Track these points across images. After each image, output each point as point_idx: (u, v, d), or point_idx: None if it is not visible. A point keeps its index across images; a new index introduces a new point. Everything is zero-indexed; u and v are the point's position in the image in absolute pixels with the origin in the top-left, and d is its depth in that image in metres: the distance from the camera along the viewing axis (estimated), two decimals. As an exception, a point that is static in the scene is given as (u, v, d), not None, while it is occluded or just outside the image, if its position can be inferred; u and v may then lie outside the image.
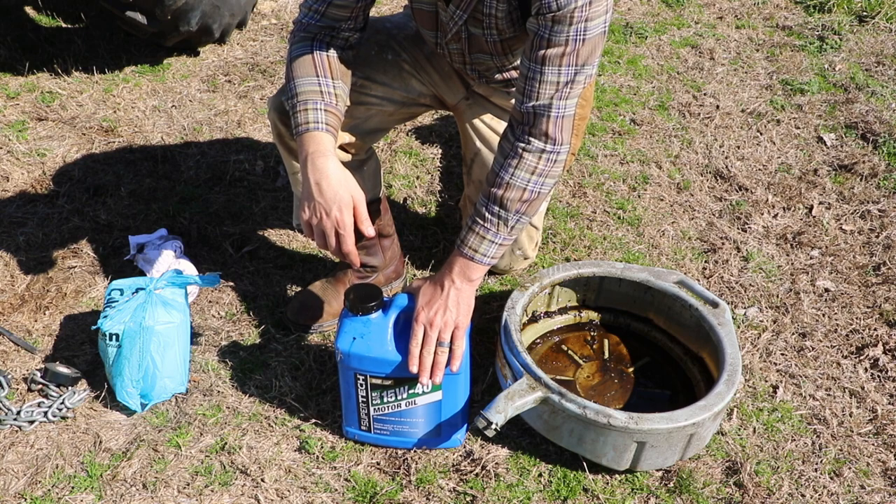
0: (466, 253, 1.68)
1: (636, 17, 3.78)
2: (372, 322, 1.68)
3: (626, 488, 1.74)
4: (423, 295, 1.68)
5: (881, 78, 3.31)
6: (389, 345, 1.67)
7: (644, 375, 1.96)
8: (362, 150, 1.94)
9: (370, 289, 1.71)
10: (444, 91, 1.96)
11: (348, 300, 1.68)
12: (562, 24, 1.49)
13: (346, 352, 1.66)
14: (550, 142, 1.61)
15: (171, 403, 1.90)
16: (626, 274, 2.00)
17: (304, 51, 1.66)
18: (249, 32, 3.48)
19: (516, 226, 1.67)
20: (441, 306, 1.65)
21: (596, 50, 1.56)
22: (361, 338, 1.66)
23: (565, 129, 1.61)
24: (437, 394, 1.71)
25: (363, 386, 1.70)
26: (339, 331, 1.69)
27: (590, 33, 1.51)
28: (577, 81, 1.57)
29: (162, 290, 1.87)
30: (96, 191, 2.54)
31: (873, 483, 1.78)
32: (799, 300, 2.24)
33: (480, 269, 1.70)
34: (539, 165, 1.62)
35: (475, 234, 1.67)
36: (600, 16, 1.51)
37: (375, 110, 1.91)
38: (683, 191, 2.67)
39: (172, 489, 1.71)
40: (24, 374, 1.95)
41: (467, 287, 1.69)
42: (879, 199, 2.63)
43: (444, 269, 1.71)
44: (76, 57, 3.19)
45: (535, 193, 1.64)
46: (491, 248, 1.67)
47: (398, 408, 1.73)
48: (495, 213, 1.65)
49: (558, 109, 1.58)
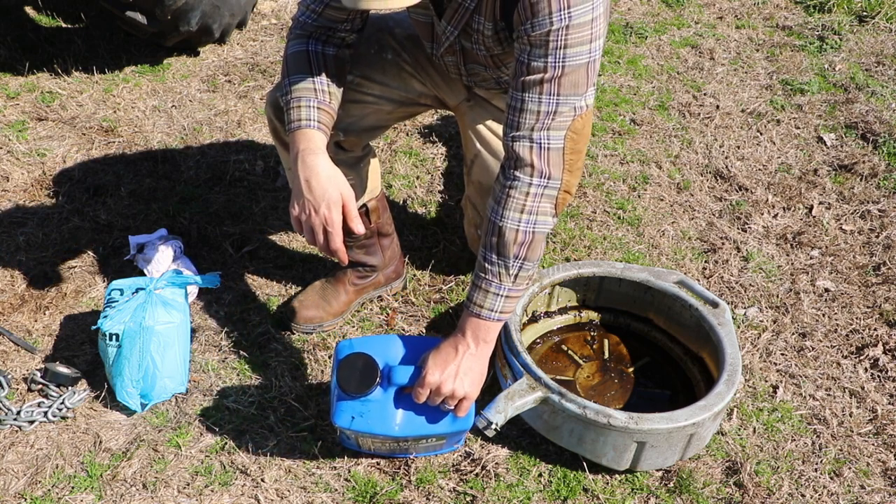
0: (473, 311, 1.60)
1: (636, 17, 3.78)
2: (371, 401, 1.60)
3: (626, 488, 1.74)
4: (435, 356, 1.60)
5: (881, 78, 3.31)
6: (391, 420, 1.60)
7: (644, 375, 1.96)
8: (358, 146, 1.94)
9: (365, 361, 1.61)
10: (446, 92, 1.96)
11: (342, 380, 1.59)
12: (538, 48, 1.46)
13: (345, 427, 1.61)
14: (538, 175, 1.53)
15: (171, 403, 1.90)
16: (626, 274, 2.00)
17: (300, 48, 1.66)
18: (249, 32, 3.48)
19: (520, 274, 1.58)
20: (452, 373, 1.57)
21: (580, 81, 1.49)
22: (360, 416, 1.59)
23: (553, 163, 1.53)
24: (441, 442, 1.71)
25: (364, 445, 1.71)
26: (336, 409, 1.61)
27: (570, 61, 1.46)
28: (561, 112, 1.50)
29: (162, 290, 1.87)
30: (96, 191, 2.54)
31: (873, 483, 1.78)
32: (799, 300, 2.24)
33: (493, 329, 1.61)
34: (528, 203, 1.54)
35: (479, 289, 1.59)
36: (582, 44, 1.45)
37: (372, 109, 1.90)
38: (683, 191, 2.67)
39: (172, 489, 1.71)
40: (24, 374, 1.95)
41: (483, 350, 1.61)
42: (879, 199, 2.63)
43: (457, 331, 1.63)
44: (76, 57, 3.19)
45: (530, 234, 1.55)
46: (497, 301, 1.58)
47: (397, 450, 1.74)
48: (494, 263, 1.58)
49: (541, 140, 1.51)
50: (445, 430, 1.63)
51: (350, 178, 1.95)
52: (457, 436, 1.70)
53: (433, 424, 1.62)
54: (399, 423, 1.60)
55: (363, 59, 1.86)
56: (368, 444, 1.71)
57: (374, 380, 1.58)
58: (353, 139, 1.90)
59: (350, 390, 1.58)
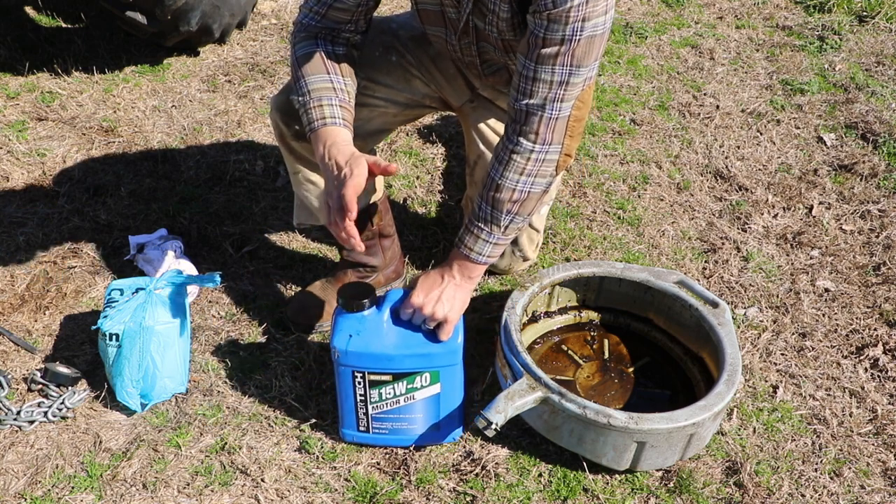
0: (463, 251, 1.71)
1: (636, 17, 3.78)
2: (367, 318, 1.68)
3: (626, 488, 1.74)
4: (421, 282, 1.70)
5: (881, 78, 3.31)
6: (386, 339, 1.68)
7: (644, 375, 1.96)
8: (363, 150, 1.94)
9: (363, 286, 1.72)
10: (449, 93, 1.96)
11: (341, 298, 1.69)
12: (557, 24, 1.48)
13: (343, 350, 1.66)
14: (540, 142, 1.60)
15: (171, 403, 1.90)
16: (626, 274, 2.00)
17: (310, 49, 1.66)
18: (249, 32, 3.48)
19: (510, 226, 1.68)
20: (435, 297, 1.67)
21: (592, 51, 1.54)
22: (357, 335, 1.67)
23: (557, 131, 1.60)
24: (436, 387, 1.71)
25: (361, 384, 1.71)
26: (335, 329, 1.69)
27: (586, 33, 1.50)
28: (572, 83, 1.56)
29: (162, 290, 1.87)
30: (96, 191, 2.54)
31: (873, 483, 1.78)
32: (799, 300, 2.24)
33: (478, 268, 1.72)
34: (528, 166, 1.62)
35: (471, 234, 1.70)
36: (599, 16, 1.49)
37: (378, 112, 1.90)
38: (683, 191, 2.67)
39: (172, 489, 1.71)
40: (24, 374, 1.95)
41: (466, 284, 1.72)
42: (879, 199, 2.63)
43: (445, 263, 1.73)
44: (76, 57, 3.19)
45: (526, 193, 1.65)
46: (486, 247, 1.69)
47: (397, 404, 1.73)
48: (488, 214, 1.67)
49: (552, 111, 1.57)
50: (433, 352, 1.69)
51: None
52: (448, 370, 1.71)
53: (422, 345, 1.68)
54: (392, 342, 1.68)
55: (368, 61, 1.86)
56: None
57: (371, 294, 1.68)
58: (358, 143, 1.90)
59: (348, 307, 1.67)
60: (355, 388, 1.72)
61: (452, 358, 1.70)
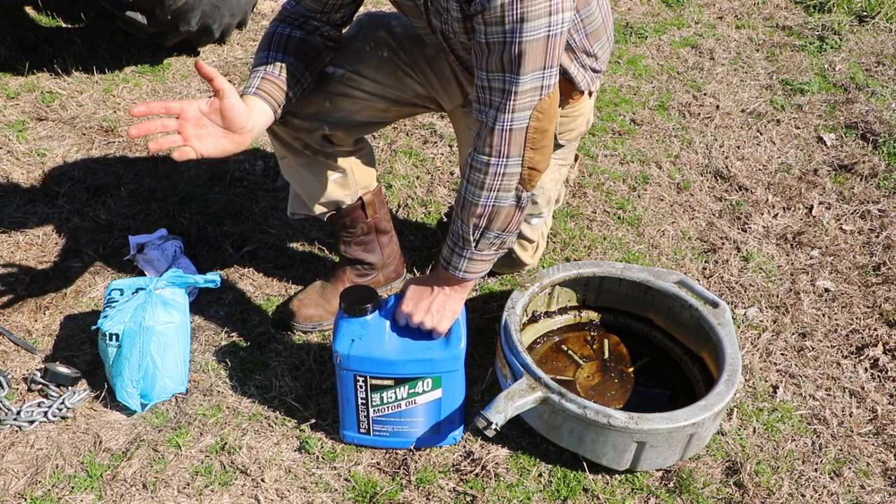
0: (442, 263, 1.69)
1: (636, 17, 3.78)
2: (369, 323, 1.68)
3: (626, 488, 1.74)
4: (411, 292, 1.69)
5: (881, 78, 3.31)
6: (388, 344, 1.67)
7: (644, 375, 1.96)
8: (347, 141, 1.94)
9: (365, 290, 1.71)
10: (442, 96, 1.96)
11: (344, 302, 1.68)
12: (493, 25, 1.43)
13: (345, 354, 1.66)
14: (496, 154, 1.53)
15: (171, 403, 1.90)
16: (626, 274, 2.00)
17: (272, 29, 1.73)
18: (249, 32, 3.48)
19: (481, 240, 1.62)
20: (424, 308, 1.66)
21: (538, 57, 1.44)
22: (360, 339, 1.66)
23: (514, 143, 1.52)
24: (437, 392, 1.71)
25: (363, 388, 1.70)
26: (337, 333, 1.68)
27: (527, 35, 1.41)
28: (521, 92, 1.47)
29: (162, 290, 1.87)
30: (96, 191, 2.54)
31: (873, 483, 1.78)
32: (799, 300, 2.24)
33: (462, 281, 1.69)
34: (487, 181, 1.56)
35: (448, 247, 1.67)
36: (540, 17, 1.39)
37: (364, 105, 1.90)
38: (683, 191, 2.67)
39: (172, 489, 1.71)
40: (24, 374, 1.95)
41: (455, 294, 1.69)
42: (879, 199, 2.63)
43: (433, 273, 1.72)
44: (76, 57, 3.19)
45: (490, 208, 1.58)
46: (462, 262, 1.65)
47: (398, 408, 1.73)
48: (459, 227, 1.63)
49: (503, 122, 1.50)
50: (435, 357, 1.68)
51: (338, 173, 1.96)
52: (449, 376, 1.71)
53: (424, 351, 1.68)
54: (395, 347, 1.68)
55: (357, 54, 1.86)
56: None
57: (373, 299, 1.68)
58: (341, 134, 1.90)
59: (350, 311, 1.67)
60: (357, 391, 1.72)
61: (454, 364, 1.70)
